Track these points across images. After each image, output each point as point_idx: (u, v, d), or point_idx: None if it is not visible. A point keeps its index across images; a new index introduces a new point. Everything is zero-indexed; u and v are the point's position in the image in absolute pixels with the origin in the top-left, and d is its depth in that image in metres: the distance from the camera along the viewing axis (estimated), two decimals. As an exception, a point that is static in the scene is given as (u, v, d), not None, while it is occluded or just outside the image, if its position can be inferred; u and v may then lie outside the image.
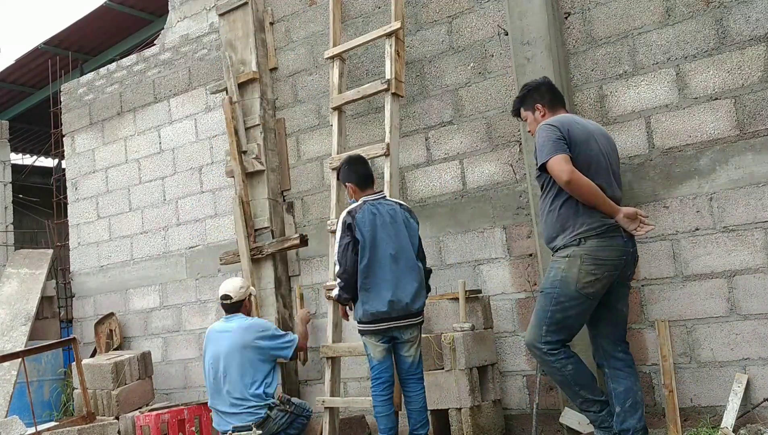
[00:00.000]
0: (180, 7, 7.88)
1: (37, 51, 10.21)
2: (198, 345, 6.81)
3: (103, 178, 7.78)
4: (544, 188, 3.82)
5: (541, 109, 3.97)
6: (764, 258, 4.18)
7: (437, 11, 5.47)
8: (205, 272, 6.82)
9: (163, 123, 7.29)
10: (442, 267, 5.32)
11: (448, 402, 4.53)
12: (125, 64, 7.73)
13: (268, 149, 6.17)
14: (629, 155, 4.62)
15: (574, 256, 3.66)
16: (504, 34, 5.08)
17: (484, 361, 4.66)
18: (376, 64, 5.75)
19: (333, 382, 5.18)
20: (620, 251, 3.69)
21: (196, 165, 6.97)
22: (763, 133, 4.22)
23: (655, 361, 4.46)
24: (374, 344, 4.25)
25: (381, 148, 5.22)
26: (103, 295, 7.65)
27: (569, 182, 3.59)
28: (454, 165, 5.35)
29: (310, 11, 6.19)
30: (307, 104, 6.17)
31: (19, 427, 5.42)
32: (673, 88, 4.51)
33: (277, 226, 6.11)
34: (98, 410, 6.24)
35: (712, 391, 4.30)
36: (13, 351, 6.40)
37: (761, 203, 4.20)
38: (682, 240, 4.43)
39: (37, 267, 7.89)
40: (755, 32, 4.27)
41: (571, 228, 3.68)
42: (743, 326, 4.22)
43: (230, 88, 6.23)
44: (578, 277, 3.63)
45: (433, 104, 5.46)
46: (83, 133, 8.01)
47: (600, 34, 4.77)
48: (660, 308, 4.48)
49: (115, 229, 7.60)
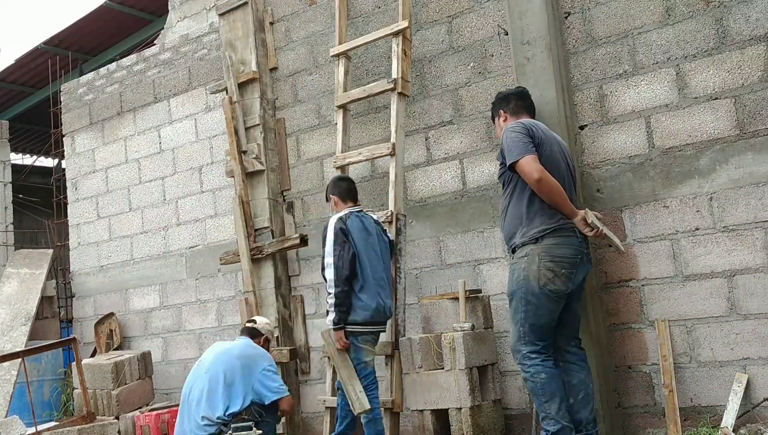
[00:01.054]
0: (180, 6, 7.88)
1: (37, 51, 10.21)
2: (198, 345, 6.82)
3: (103, 178, 7.78)
4: (506, 186, 4.00)
5: (503, 115, 4.26)
6: (764, 258, 4.18)
7: (437, 11, 5.47)
8: (205, 272, 6.82)
9: (163, 123, 7.29)
10: (442, 267, 5.32)
11: (448, 402, 4.52)
12: (125, 64, 7.73)
13: (268, 149, 6.17)
14: (629, 155, 4.62)
15: (532, 255, 3.83)
16: (504, 34, 5.07)
17: (484, 361, 4.65)
18: (376, 63, 5.74)
19: (334, 382, 5.17)
20: (575, 250, 3.87)
21: (196, 165, 6.97)
22: (763, 132, 4.22)
23: (655, 360, 4.46)
24: (369, 350, 4.51)
25: (386, 147, 5.22)
26: (103, 295, 7.65)
27: (540, 181, 3.76)
28: (454, 165, 5.35)
29: (310, 11, 6.19)
30: (307, 104, 6.17)
31: (19, 427, 5.42)
32: (673, 88, 4.51)
33: (277, 226, 6.11)
34: (98, 410, 6.24)
35: (712, 391, 4.30)
36: (13, 351, 6.40)
37: (761, 203, 4.20)
38: (682, 240, 4.43)
39: (37, 267, 7.90)
40: (755, 32, 4.27)
41: (529, 225, 3.85)
42: (743, 326, 4.22)
43: (230, 88, 6.23)
44: (538, 275, 3.80)
45: (433, 104, 5.46)
46: (83, 133, 8.01)
47: (600, 34, 4.77)
48: (660, 308, 4.48)
49: (115, 229, 7.60)
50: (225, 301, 6.67)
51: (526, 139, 3.83)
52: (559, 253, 3.81)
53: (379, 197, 5.66)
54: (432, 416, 4.58)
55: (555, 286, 3.81)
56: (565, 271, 3.82)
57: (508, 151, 3.85)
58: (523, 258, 3.86)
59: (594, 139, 4.75)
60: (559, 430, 3.75)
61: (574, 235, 3.87)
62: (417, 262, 5.43)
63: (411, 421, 5.03)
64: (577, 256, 3.86)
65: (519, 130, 3.89)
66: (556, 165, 3.90)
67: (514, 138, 3.85)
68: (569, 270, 3.83)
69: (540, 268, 3.80)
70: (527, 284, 3.82)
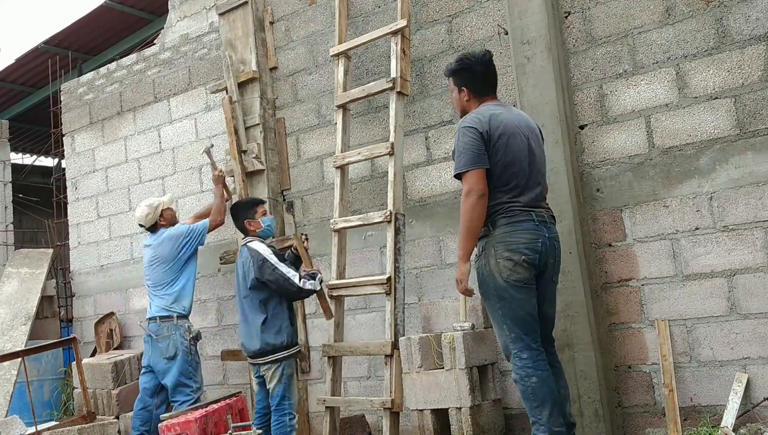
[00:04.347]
0: (180, 6, 7.87)
1: (37, 50, 10.20)
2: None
3: (103, 177, 7.78)
4: None
5: (467, 94, 3.95)
6: (764, 257, 4.18)
7: (437, 11, 5.47)
8: (205, 272, 6.81)
9: (163, 122, 7.29)
10: (442, 266, 5.32)
11: (448, 401, 4.53)
12: (125, 63, 7.73)
13: (268, 149, 6.17)
14: (629, 154, 4.62)
15: (488, 248, 3.68)
16: (504, 34, 5.07)
17: (484, 361, 4.66)
18: (376, 63, 5.74)
19: (334, 382, 5.17)
20: (532, 234, 3.65)
21: (196, 164, 6.97)
22: (763, 132, 4.22)
23: (655, 360, 4.46)
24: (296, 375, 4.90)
25: (385, 147, 5.21)
26: (103, 295, 7.65)
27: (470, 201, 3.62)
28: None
29: (310, 11, 6.19)
30: (307, 104, 6.17)
31: (19, 427, 5.42)
32: (673, 88, 4.51)
33: (277, 226, 6.11)
34: (98, 410, 6.25)
35: (712, 391, 4.30)
36: (13, 350, 6.40)
37: (761, 202, 4.20)
38: (682, 239, 4.43)
39: (37, 266, 7.90)
40: (755, 31, 4.27)
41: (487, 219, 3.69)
42: (743, 325, 4.22)
43: (230, 88, 6.23)
44: (499, 268, 3.63)
45: (433, 104, 5.46)
46: (83, 133, 8.01)
47: (600, 34, 4.77)
48: (660, 308, 4.48)
49: (115, 228, 7.60)
50: (225, 300, 6.67)
51: (479, 146, 3.65)
52: (513, 240, 3.62)
53: (378, 197, 5.66)
54: (432, 416, 4.58)
55: (520, 275, 3.62)
56: (525, 257, 3.61)
57: (458, 156, 3.73)
58: (482, 253, 3.71)
59: (594, 138, 4.75)
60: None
61: (529, 220, 3.66)
62: (417, 262, 5.43)
63: (411, 420, 5.03)
64: (537, 241, 3.64)
65: (473, 135, 3.68)
66: (518, 163, 3.71)
67: (466, 143, 3.68)
68: (530, 256, 3.61)
69: (498, 260, 3.63)
70: (493, 280, 3.65)
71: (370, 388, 5.64)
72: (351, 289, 5.15)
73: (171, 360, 5.41)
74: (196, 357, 5.55)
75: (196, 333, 5.56)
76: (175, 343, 5.44)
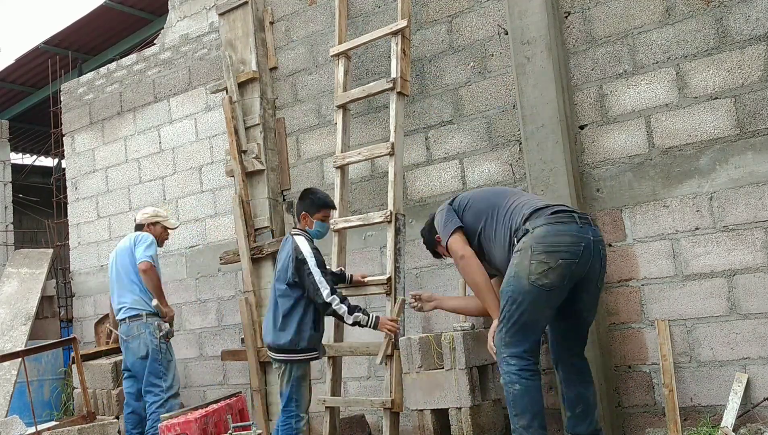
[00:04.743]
0: (180, 6, 7.87)
1: (37, 50, 10.20)
2: (198, 344, 6.82)
3: (103, 177, 7.78)
4: None
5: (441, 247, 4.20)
6: (764, 257, 4.18)
7: (437, 11, 5.47)
8: (205, 272, 6.82)
9: (163, 122, 7.29)
10: (442, 266, 5.32)
11: (448, 401, 4.52)
12: (125, 63, 7.73)
13: (268, 149, 6.17)
14: (629, 154, 4.62)
15: (525, 248, 3.54)
16: (504, 34, 5.07)
17: (484, 361, 4.65)
18: (376, 63, 5.75)
19: (334, 382, 5.17)
20: (575, 237, 3.52)
21: (196, 164, 6.97)
22: (763, 132, 4.22)
23: (655, 360, 4.46)
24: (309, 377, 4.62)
25: (385, 147, 5.21)
26: (103, 295, 7.63)
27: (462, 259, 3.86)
28: (454, 164, 5.35)
29: (310, 11, 6.19)
30: (307, 104, 6.17)
31: (19, 427, 5.41)
32: (673, 88, 4.51)
33: (277, 226, 6.11)
34: (98, 410, 6.24)
35: (712, 391, 4.30)
36: (13, 351, 6.40)
37: (761, 202, 4.20)
38: (682, 239, 4.43)
39: (37, 266, 7.90)
40: (755, 31, 4.27)
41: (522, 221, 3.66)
42: (743, 325, 4.22)
43: (230, 88, 6.23)
44: (530, 269, 3.48)
45: (433, 104, 5.46)
46: (83, 133, 8.01)
47: (600, 34, 4.77)
48: (660, 308, 4.48)
49: (115, 228, 7.60)
50: (225, 300, 6.67)
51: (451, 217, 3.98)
52: (553, 242, 3.48)
53: (378, 197, 5.66)
54: (432, 416, 4.58)
55: (548, 280, 3.45)
56: (563, 261, 3.45)
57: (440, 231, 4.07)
58: (517, 253, 3.59)
59: (594, 138, 4.75)
60: None
61: (573, 221, 3.55)
62: (417, 262, 5.43)
63: (411, 420, 5.03)
64: (579, 244, 3.50)
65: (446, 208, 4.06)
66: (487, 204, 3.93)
67: (443, 216, 4.03)
68: (568, 260, 3.46)
69: (531, 261, 3.47)
70: (516, 282, 3.53)
71: (370, 388, 5.65)
72: (351, 289, 5.14)
73: (144, 359, 5.39)
74: (167, 355, 5.47)
75: (166, 331, 5.49)
76: (145, 342, 5.39)
